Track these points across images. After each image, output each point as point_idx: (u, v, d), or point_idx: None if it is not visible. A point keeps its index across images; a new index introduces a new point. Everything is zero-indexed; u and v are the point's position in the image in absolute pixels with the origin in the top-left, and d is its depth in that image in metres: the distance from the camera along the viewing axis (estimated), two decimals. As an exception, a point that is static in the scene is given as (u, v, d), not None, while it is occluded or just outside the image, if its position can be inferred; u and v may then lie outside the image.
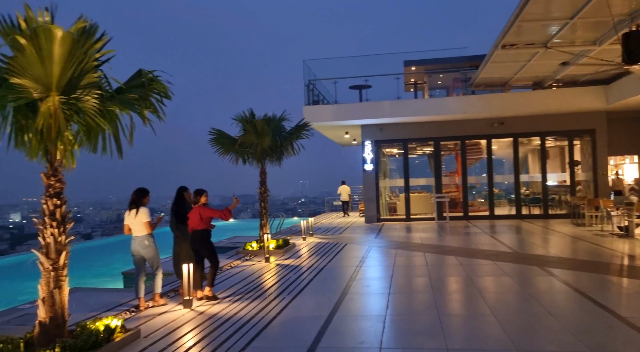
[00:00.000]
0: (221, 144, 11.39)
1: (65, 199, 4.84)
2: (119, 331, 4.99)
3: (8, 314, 6.12)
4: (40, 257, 4.67)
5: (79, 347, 4.37)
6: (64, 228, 4.78)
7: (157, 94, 5.29)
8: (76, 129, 5.02)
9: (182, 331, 5.48)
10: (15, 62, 4.29)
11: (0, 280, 12.23)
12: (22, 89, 4.42)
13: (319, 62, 18.26)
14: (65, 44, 4.31)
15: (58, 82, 4.47)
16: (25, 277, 11.57)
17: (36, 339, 4.52)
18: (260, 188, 11.82)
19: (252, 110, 11.61)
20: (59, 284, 4.67)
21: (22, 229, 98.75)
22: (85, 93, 4.66)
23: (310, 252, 11.37)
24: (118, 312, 6.31)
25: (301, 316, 5.93)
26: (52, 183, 4.75)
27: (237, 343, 4.96)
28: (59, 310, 4.62)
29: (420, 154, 21.28)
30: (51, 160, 4.76)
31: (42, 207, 4.73)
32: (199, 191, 7.11)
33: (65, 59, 4.40)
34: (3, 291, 10.44)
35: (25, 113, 4.71)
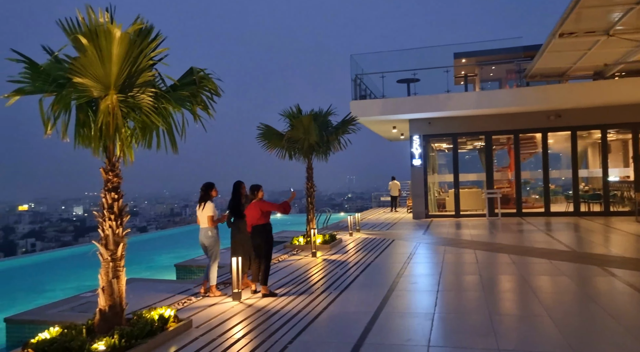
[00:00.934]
0: (269, 140, 11.54)
1: (122, 193, 5.06)
2: (172, 321, 5.17)
3: (72, 302, 6.49)
4: (99, 248, 4.91)
5: (136, 335, 4.57)
6: (121, 221, 5.00)
7: (208, 92, 5.43)
8: (132, 126, 5.25)
9: (232, 322, 5.62)
10: (78, 62, 4.52)
11: (65, 269, 13.00)
12: (84, 88, 4.65)
13: (366, 56, 18.11)
14: (123, 44, 4.50)
15: (116, 81, 4.68)
16: (87, 267, 12.25)
17: (96, 326, 4.77)
18: (307, 183, 11.89)
19: (299, 105, 11.68)
20: (117, 274, 4.90)
21: (84, 222, 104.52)
22: (141, 91, 4.84)
23: (357, 248, 11.33)
24: (171, 303, 6.55)
25: (348, 312, 5.92)
26: (110, 178, 4.97)
27: (285, 336, 5.02)
28: (117, 299, 4.85)
29: (470, 148, 20.69)
30: (109, 156, 4.99)
31: (101, 201, 4.97)
32: (255, 186, 7.22)
33: (123, 59, 4.59)
34: (68, 279, 11.10)
35: (86, 111, 4.97)
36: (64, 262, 14.06)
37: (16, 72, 4.64)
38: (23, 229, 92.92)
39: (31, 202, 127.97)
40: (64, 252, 15.74)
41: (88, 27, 4.45)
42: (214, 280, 6.96)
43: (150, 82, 4.97)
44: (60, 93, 4.67)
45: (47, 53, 4.92)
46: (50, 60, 4.89)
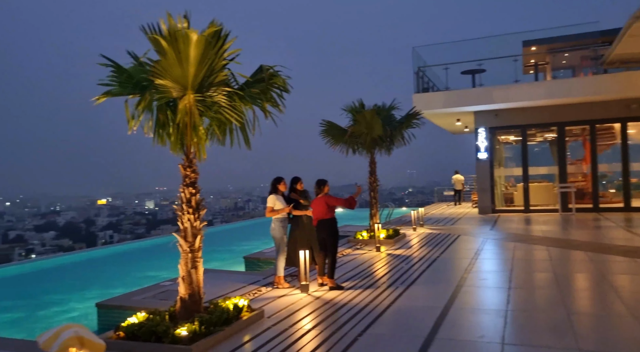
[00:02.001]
0: (331, 135, 11.65)
1: (199, 188, 5.35)
2: (245, 310, 5.40)
3: (153, 290, 6.95)
4: (179, 240, 5.22)
5: (214, 322, 4.83)
6: (198, 214, 5.28)
7: (277, 88, 5.59)
8: (207, 124, 5.51)
9: (301, 314, 5.77)
10: (159, 65, 4.81)
11: (141, 259, 13.86)
12: (164, 89, 4.95)
13: (429, 48, 17.74)
14: (199, 47, 4.73)
15: (193, 81, 4.94)
16: (162, 257, 13.01)
17: (178, 312, 5.08)
18: (370, 178, 11.88)
19: (362, 100, 11.68)
20: (195, 265, 5.19)
21: (156, 215, 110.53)
22: (216, 91, 5.08)
23: (421, 243, 11.20)
24: (243, 293, 6.82)
25: (416, 306, 5.90)
26: (188, 173, 5.26)
27: (354, 329, 5.09)
28: (195, 288, 5.14)
29: (540, 140, 19.71)
30: (187, 152, 5.28)
31: (180, 195, 5.28)
32: (321, 181, 7.34)
33: (199, 60, 4.83)
34: (145, 269, 11.84)
35: (166, 111, 5.29)
36: (141, 253, 15.00)
37: (104, 76, 5.03)
38: (102, 221, 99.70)
39: (109, 197, 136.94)
40: (142, 243, 16.80)
41: (168, 31, 4.72)
42: (281, 271, 7.17)
43: (224, 81, 5.20)
44: (143, 95, 5.01)
45: (131, 57, 5.29)
46: (134, 64, 5.26)
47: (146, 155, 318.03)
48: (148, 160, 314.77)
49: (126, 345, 4.53)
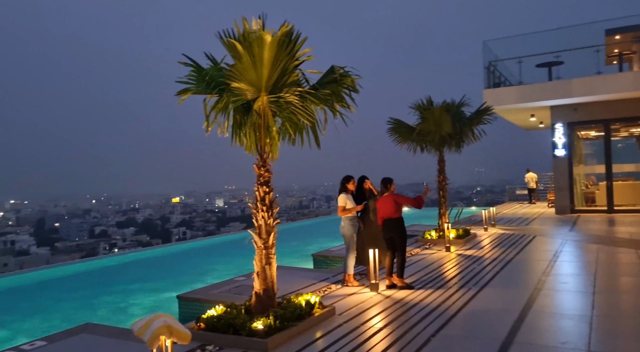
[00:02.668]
0: (399, 133, 11.51)
1: (272, 186, 5.50)
2: (317, 307, 5.50)
3: (228, 284, 7.25)
4: (254, 236, 5.41)
5: (288, 317, 4.96)
6: (272, 212, 5.45)
7: (347, 88, 5.63)
8: (279, 124, 5.68)
9: (372, 312, 5.78)
10: (235, 68, 5.02)
11: (212, 256, 14.48)
12: (239, 92, 5.16)
13: (500, 42, 17.02)
14: (272, 49, 4.87)
15: (267, 83, 5.10)
16: (232, 254, 13.52)
17: (253, 307, 5.27)
18: (439, 176, 11.62)
19: (430, 97, 11.45)
20: (269, 261, 5.36)
21: (225, 213, 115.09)
22: (288, 91, 5.21)
23: (493, 244, 10.80)
24: (313, 290, 6.94)
25: (490, 309, 5.71)
26: (262, 173, 5.44)
27: (426, 329, 5.02)
28: (269, 283, 5.31)
29: (625, 135, 18.31)
30: (261, 152, 5.46)
31: (255, 194, 5.47)
32: (387, 180, 7.30)
33: (272, 62, 4.98)
34: (217, 265, 12.35)
35: (241, 112, 5.50)
36: (212, 249, 15.67)
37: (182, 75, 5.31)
38: (176, 218, 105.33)
39: (182, 195, 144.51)
40: (213, 240, 17.56)
41: (243, 35, 4.91)
42: (351, 269, 7.21)
43: (295, 82, 5.32)
44: (221, 96, 5.25)
45: (209, 59, 5.53)
46: (211, 66, 5.51)
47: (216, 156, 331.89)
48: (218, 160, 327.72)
49: (207, 336, 4.77)
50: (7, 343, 6.31)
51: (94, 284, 10.52)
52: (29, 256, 67.26)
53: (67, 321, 7.29)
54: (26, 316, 8.02)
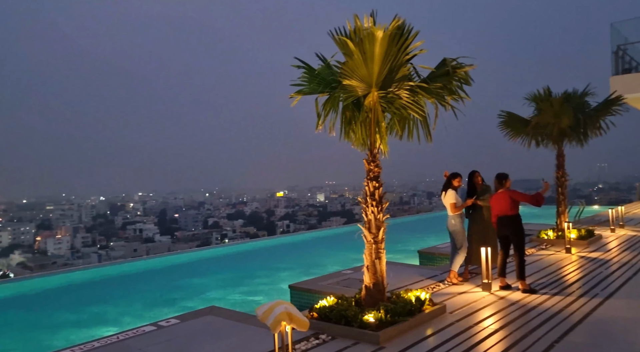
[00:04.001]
0: (512, 127, 10.88)
1: (382, 181, 5.53)
2: (427, 304, 5.43)
3: (336, 277, 7.44)
4: (364, 231, 5.48)
5: (398, 312, 4.96)
6: (381, 207, 5.48)
7: (458, 81, 5.47)
8: (389, 119, 5.68)
9: (485, 313, 5.56)
10: (346, 66, 5.12)
11: (317, 249, 14.89)
12: (350, 89, 5.25)
13: (631, 22, 15.21)
14: (383, 44, 4.88)
15: (377, 79, 5.12)
16: (335, 247, 13.80)
17: (363, 299, 5.36)
18: (557, 172, 10.78)
19: (548, 87, 10.64)
20: (378, 255, 5.40)
21: (326, 208, 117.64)
22: (398, 86, 5.20)
23: (622, 247, 9.76)
24: (421, 287, 6.85)
25: (620, 317, 5.20)
26: (371, 168, 5.49)
27: (548, 335, 4.72)
28: (379, 277, 5.35)
29: None
30: (371, 148, 5.51)
31: (364, 189, 5.54)
32: (502, 175, 6.95)
33: (383, 58, 4.98)
34: (322, 258, 12.71)
35: (351, 109, 5.60)
36: (318, 242, 16.12)
37: (294, 77, 5.55)
38: (280, 212, 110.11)
39: (285, 190, 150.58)
40: (317, 233, 18.08)
41: (355, 33, 4.99)
42: (456, 266, 7.00)
43: (406, 76, 5.28)
44: (332, 94, 5.40)
45: (319, 59, 5.71)
46: (322, 66, 5.68)
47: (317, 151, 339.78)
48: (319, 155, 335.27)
49: (320, 325, 4.96)
50: (148, 319, 7.11)
51: (210, 271, 11.41)
52: (154, 243, 74.89)
53: (192, 303, 8.02)
54: (164, 293, 8.97)
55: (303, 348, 4.55)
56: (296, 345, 4.54)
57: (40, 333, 6.99)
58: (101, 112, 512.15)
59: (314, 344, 4.67)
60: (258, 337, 4.86)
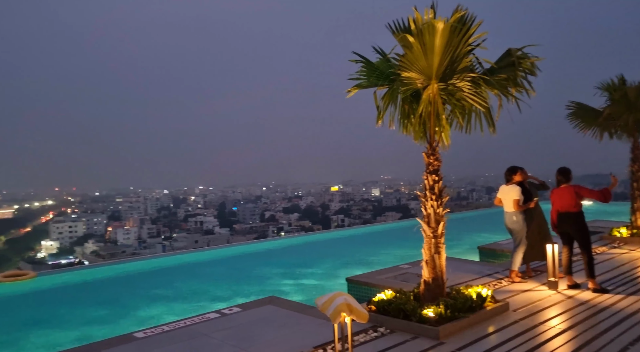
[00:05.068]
0: (581, 118, 10.29)
1: (441, 175, 5.45)
2: (489, 300, 5.29)
3: (393, 271, 7.40)
4: (422, 225, 5.42)
5: (458, 307, 4.88)
6: (441, 201, 5.39)
7: (523, 71, 5.26)
8: (449, 111, 5.57)
9: (551, 312, 5.34)
10: (405, 58, 5.06)
11: (372, 243, 14.84)
12: (409, 81, 5.19)
13: None
14: (444, 36, 4.79)
15: (437, 70, 5.03)
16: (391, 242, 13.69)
17: (422, 294, 5.31)
18: (632, 166, 10.08)
19: (622, 75, 9.96)
20: (438, 250, 5.32)
21: (381, 202, 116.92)
22: (459, 78, 5.08)
23: None
24: (482, 283, 6.67)
25: None
26: (431, 161, 5.42)
27: (622, 337, 4.47)
28: (439, 272, 5.28)
29: None
30: (430, 141, 5.43)
31: (424, 182, 5.47)
32: (565, 170, 6.63)
33: (444, 49, 4.89)
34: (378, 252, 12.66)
35: (410, 102, 5.54)
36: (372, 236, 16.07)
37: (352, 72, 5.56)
38: (335, 206, 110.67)
39: (340, 184, 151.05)
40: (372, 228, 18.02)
41: (415, 25, 4.92)
42: (516, 265, 6.75)
43: (468, 68, 5.15)
44: (390, 87, 5.37)
45: (377, 53, 5.69)
46: (380, 59, 5.65)
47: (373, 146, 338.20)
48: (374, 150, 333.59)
49: (378, 318, 4.97)
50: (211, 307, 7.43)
51: (268, 262, 11.69)
52: (213, 235, 77.70)
53: (252, 293, 8.28)
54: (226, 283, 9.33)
55: (362, 340, 4.59)
56: (355, 337, 4.59)
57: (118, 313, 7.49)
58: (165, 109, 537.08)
59: (372, 336, 4.69)
60: (317, 328, 4.95)
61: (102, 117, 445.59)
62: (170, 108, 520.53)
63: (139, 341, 4.80)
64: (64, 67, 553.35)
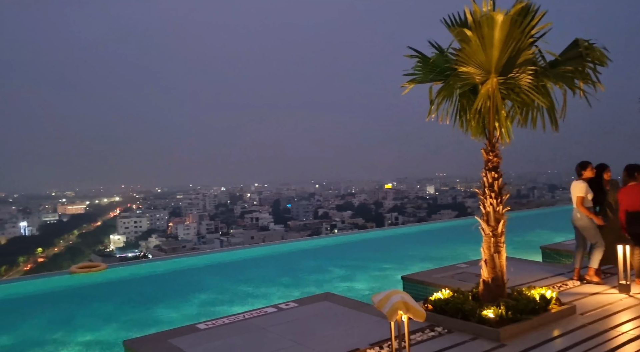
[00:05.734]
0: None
1: (501, 172, 5.28)
2: (553, 303, 5.07)
3: (450, 270, 7.26)
4: (481, 223, 5.28)
5: (520, 309, 4.71)
6: (501, 199, 5.23)
7: (591, 63, 4.99)
8: (509, 106, 5.39)
9: (623, 316, 5.04)
10: (462, 53, 4.95)
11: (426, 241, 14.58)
12: (467, 76, 5.06)
13: None
14: (504, 28, 4.63)
15: (496, 64, 4.88)
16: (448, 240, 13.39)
17: (481, 294, 5.17)
18: None
19: None
20: (498, 249, 5.16)
21: (436, 200, 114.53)
22: (520, 71, 4.89)
23: None
24: (547, 285, 6.39)
25: None
26: (490, 158, 5.26)
27: (703, 346, 4.15)
28: (499, 272, 5.12)
29: None
30: (489, 137, 5.27)
31: (482, 180, 5.32)
32: (635, 167, 6.24)
33: (504, 42, 4.73)
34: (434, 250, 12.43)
35: (467, 97, 5.41)
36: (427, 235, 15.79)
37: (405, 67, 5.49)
38: (388, 204, 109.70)
39: (394, 181, 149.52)
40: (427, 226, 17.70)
41: (473, 17, 4.79)
42: (595, 263, 6.38)
43: (529, 60, 4.95)
44: (447, 82, 5.26)
45: (433, 47, 5.58)
46: (435, 53, 5.55)
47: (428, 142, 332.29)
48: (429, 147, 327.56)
49: (435, 317, 4.90)
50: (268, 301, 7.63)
51: (322, 259, 11.79)
52: (268, 231, 79.33)
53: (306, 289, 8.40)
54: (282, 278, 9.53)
55: (418, 339, 4.55)
56: (411, 335, 4.55)
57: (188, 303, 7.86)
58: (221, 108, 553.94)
59: (429, 335, 4.64)
60: (372, 325, 4.96)
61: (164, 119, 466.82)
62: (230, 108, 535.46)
63: (201, 332, 5.01)
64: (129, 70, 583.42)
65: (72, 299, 8.64)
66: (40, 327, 6.97)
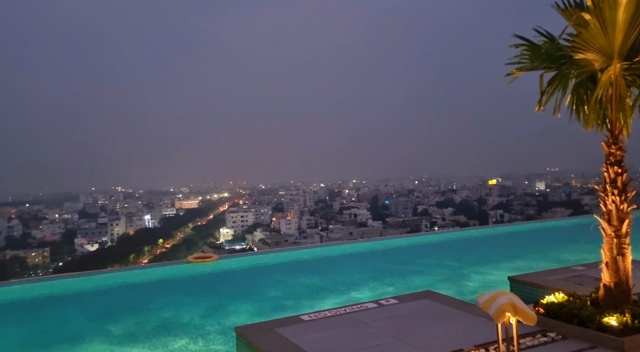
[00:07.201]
0: None
1: (625, 167, 4.79)
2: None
3: (565, 272, 6.73)
4: (602, 223, 4.83)
5: (651, 318, 4.26)
6: (625, 196, 4.75)
7: None
8: (636, 95, 4.86)
9: None
10: (579, 38, 4.56)
11: (538, 240, 13.60)
12: (584, 63, 4.66)
13: None
14: (629, 8, 4.19)
15: (620, 49, 4.43)
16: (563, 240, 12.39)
17: (601, 300, 4.74)
18: None
19: None
20: (621, 252, 4.69)
21: (547, 197, 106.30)
22: (649, 54, 4.39)
23: None
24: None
25: None
26: (612, 151, 4.79)
27: None
28: (623, 277, 4.66)
29: None
30: (611, 128, 4.80)
31: (603, 175, 4.87)
32: None
33: (629, 24, 4.28)
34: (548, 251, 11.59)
35: (585, 85, 4.98)
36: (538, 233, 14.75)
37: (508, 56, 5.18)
38: (492, 201, 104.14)
39: (498, 177, 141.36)
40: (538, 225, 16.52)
41: (592, 0, 4.40)
42: None
43: (661, 42, 4.42)
44: (560, 70, 4.89)
45: (541, 35, 5.20)
46: (545, 41, 5.16)
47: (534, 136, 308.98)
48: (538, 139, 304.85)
49: (547, 322, 4.60)
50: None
51: (422, 256, 11.59)
52: (367, 227, 79.58)
53: (406, 286, 8.33)
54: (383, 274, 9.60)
55: (529, 343, 4.31)
56: (520, 339, 4.32)
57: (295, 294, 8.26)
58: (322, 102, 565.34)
59: (541, 341, 4.37)
60: (476, 326, 4.80)
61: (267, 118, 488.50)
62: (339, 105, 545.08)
63: (305, 323, 5.22)
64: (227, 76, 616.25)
65: (189, 285, 9.52)
66: (174, 307, 7.74)
